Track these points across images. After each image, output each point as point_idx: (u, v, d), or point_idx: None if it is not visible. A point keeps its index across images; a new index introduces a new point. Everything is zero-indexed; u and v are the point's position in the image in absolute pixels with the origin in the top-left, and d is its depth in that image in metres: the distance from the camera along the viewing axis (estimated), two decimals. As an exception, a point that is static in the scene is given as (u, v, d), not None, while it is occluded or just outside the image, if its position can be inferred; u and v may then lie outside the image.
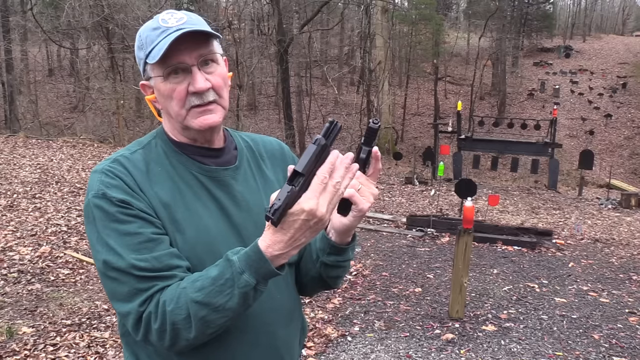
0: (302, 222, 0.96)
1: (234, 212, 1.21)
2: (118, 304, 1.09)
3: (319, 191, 0.95)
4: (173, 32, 1.11)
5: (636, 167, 25.05)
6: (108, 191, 1.10)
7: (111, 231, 1.08)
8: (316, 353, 3.90)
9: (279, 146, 1.41)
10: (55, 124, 22.29)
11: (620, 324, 4.67)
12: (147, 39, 1.15)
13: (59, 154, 11.97)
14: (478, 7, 39.54)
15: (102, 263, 1.08)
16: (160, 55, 1.09)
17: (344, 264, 1.26)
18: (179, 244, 1.13)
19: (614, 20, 61.97)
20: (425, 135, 27.78)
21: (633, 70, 35.53)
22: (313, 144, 0.95)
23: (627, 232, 8.86)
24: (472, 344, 4.17)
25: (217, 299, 1.01)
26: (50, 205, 7.54)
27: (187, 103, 1.15)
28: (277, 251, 0.99)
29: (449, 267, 5.96)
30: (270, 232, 0.99)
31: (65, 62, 31.97)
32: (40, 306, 4.42)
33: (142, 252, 1.07)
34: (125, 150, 1.21)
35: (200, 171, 1.20)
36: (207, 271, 1.05)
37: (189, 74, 1.13)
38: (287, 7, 19.48)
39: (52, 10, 21.96)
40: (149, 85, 1.20)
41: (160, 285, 1.06)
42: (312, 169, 0.95)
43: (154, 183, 1.15)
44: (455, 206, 9.92)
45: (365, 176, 1.11)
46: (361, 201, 1.08)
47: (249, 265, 1.01)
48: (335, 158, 0.97)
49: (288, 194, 0.93)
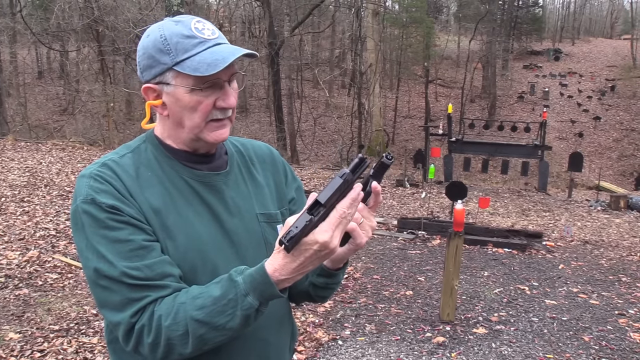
0: (314, 252, 0.97)
1: (226, 217, 1.19)
2: (108, 313, 1.07)
3: (335, 224, 0.96)
4: (212, 45, 1.11)
5: (625, 169, 25.27)
6: (97, 197, 1.07)
7: (101, 238, 1.05)
8: (307, 357, 3.89)
9: (268, 151, 1.40)
10: (45, 127, 22.12)
11: (610, 326, 4.69)
12: (179, 45, 1.11)
13: (48, 157, 11.87)
14: (468, 10, 39.77)
15: (93, 271, 1.06)
16: (214, 70, 1.07)
17: (333, 285, 1.27)
18: (169, 250, 1.11)
19: (602, 24, 62.52)
20: (416, 138, 27.86)
21: (621, 73, 35.85)
22: (340, 178, 0.96)
23: (616, 233, 8.92)
24: (463, 347, 4.17)
25: (218, 319, 1.01)
26: (39, 209, 7.47)
27: (209, 116, 1.14)
28: (283, 276, 1.00)
29: (440, 270, 5.96)
30: (280, 257, 0.99)
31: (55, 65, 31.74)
32: (28, 311, 4.36)
33: (133, 260, 1.05)
34: (113, 154, 1.18)
35: (192, 176, 1.19)
36: (209, 289, 1.04)
37: (218, 89, 1.13)
38: (278, 9, 19.48)
39: (42, 12, 21.82)
40: (155, 90, 1.16)
41: (154, 296, 1.04)
42: (333, 201, 0.96)
43: (144, 188, 1.13)
44: (446, 209, 9.94)
45: (367, 208, 1.12)
46: (361, 235, 1.09)
47: (254, 288, 1.00)
48: (357, 195, 0.98)
49: (307, 223, 0.94)
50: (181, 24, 1.13)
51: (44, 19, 20.73)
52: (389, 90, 32.15)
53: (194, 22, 1.14)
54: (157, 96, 1.16)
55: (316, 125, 23.78)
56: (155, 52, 1.13)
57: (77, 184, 1.13)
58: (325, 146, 25.97)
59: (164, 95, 1.15)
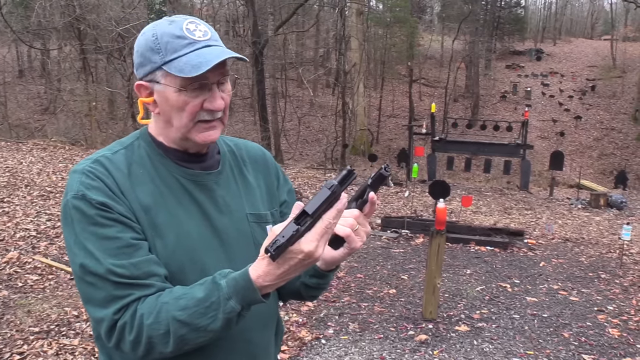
0: (298, 261, 0.98)
1: (216, 216, 1.20)
2: (92, 308, 1.08)
3: (321, 235, 0.98)
4: (202, 47, 1.12)
5: (605, 168, 25.63)
6: (88, 193, 1.08)
7: (89, 234, 1.06)
8: (290, 357, 3.89)
9: (261, 152, 1.42)
10: (26, 126, 21.79)
11: (590, 322, 4.77)
12: (168, 45, 1.12)
13: (29, 157, 11.70)
14: (452, 10, 39.98)
15: (79, 267, 1.07)
16: (197, 72, 1.08)
17: (324, 285, 1.30)
18: (158, 249, 1.11)
19: (583, 24, 63.26)
20: (400, 137, 27.96)
21: (601, 73, 36.34)
22: (328, 189, 0.98)
23: (596, 231, 9.05)
24: (445, 344, 4.20)
25: (199, 321, 1.02)
26: (19, 210, 7.37)
27: (197, 117, 1.14)
28: (267, 282, 1.01)
29: (423, 268, 6.00)
30: (265, 264, 1.00)
31: (36, 63, 31.28)
32: (7, 313, 4.30)
33: (120, 257, 1.06)
34: (106, 151, 1.19)
35: (183, 175, 1.19)
36: (192, 290, 1.05)
37: (206, 91, 1.14)
38: (262, 8, 19.41)
39: (22, 10, 21.47)
40: (147, 87, 1.17)
41: (137, 294, 1.05)
42: (320, 212, 0.98)
43: (135, 186, 1.13)
44: (429, 207, 10.00)
45: (363, 215, 1.13)
46: (355, 240, 1.10)
47: (237, 292, 1.01)
48: (343, 206, 1.00)
49: (294, 233, 0.96)
50: (174, 24, 1.14)
51: (25, 16, 20.43)
52: (373, 90, 32.22)
53: (187, 23, 1.14)
54: (149, 93, 1.17)
55: (300, 125, 23.76)
56: (147, 50, 1.14)
57: (69, 179, 1.13)
58: (309, 145, 25.96)
59: (155, 94, 1.16)
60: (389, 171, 1.09)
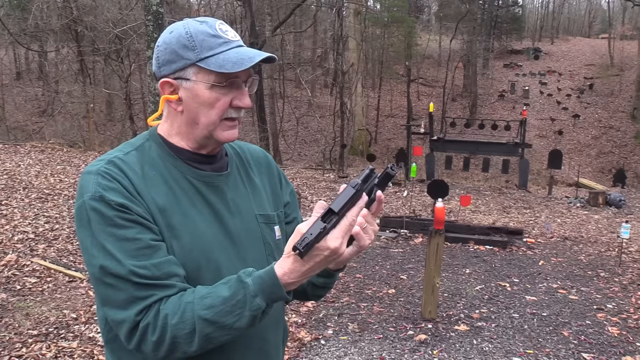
0: (324, 258, 1.02)
1: (228, 217, 1.22)
2: (112, 310, 1.08)
3: (345, 232, 1.02)
4: (236, 46, 1.17)
5: (603, 166, 25.67)
6: (106, 194, 1.08)
7: (108, 235, 1.06)
8: (290, 357, 3.88)
9: (264, 155, 1.45)
10: (24, 129, 21.77)
11: (589, 321, 4.77)
12: (204, 43, 1.15)
13: (27, 159, 11.68)
14: (449, 10, 39.99)
15: (99, 268, 1.06)
16: (239, 68, 1.13)
17: (330, 285, 1.34)
18: (175, 249, 1.12)
19: (580, 23, 63.37)
20: (398, 137, 27.97)
21: (599, 72, 36.41)
22: (352, 188, 1.03)
23: (594, 229, 9.06)
24: (444, 344, 4.20)
25: (226, 319, 1.04)
26: (17, 212, 7.35)
27: (225, 114, 1.18)
28: (292, 279, 1.04)
29: (422, 268, 6.00)
30: (290, 261, 1.03)
31: (33, 65, 31.29)
32: (6, 316, 4.29)
33: (140, 258, 1.06)
34: (117, 152, 1.19)
35: (195, 176, 1.21)
36: (216, 289, 1.06)
37: (235, 89, 1.17)
38: (260, 9, 19.40)
39: (20, 12, 21.45)
40: (172, 84, 1.18)
41: (159, 295, 1.06)
42: (345, 210, 1.02)
43: (150, 187, 1.14)
44: (428, 207, 10.00)
45: (370, 214, 1.15)
46: (364, 238, 1.12)
47: (263, 290, 1.04)
48: (364, 203, 1.05)
49: (321, 230, 0.99)
50: (206, 24, 1.18)
51: (22, 19, 20.40)
52: (371, 90, 32.24)
53: (218, 24, 1.19)
54: (173, 91, 1.18)
55: (299, 125, 23.76)
56: (179, 47, 1.16)
57: (82, 180, 1.13)
58: (308, 146, 25.96)
59: (181, 91, 1.17)
60: (396, 170, 1.11)
